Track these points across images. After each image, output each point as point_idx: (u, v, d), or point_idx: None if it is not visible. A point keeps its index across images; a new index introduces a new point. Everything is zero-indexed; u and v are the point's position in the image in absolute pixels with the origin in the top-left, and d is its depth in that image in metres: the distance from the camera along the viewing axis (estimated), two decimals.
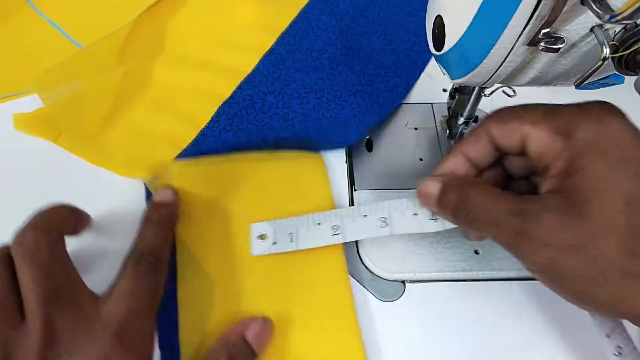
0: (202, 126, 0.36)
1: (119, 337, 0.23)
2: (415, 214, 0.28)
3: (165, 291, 0.27)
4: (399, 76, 0.40)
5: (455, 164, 0.26)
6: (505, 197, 0.23)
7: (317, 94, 0.38)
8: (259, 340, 0.27)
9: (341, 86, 0.38)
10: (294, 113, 0.37)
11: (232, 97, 0.37)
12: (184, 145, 0.35)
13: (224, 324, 0.28)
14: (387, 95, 0.39)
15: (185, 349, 0.28)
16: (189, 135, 0.35)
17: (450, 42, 0.23)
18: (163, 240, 0.28)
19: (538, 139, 0.23)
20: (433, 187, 0.26)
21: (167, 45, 0.41)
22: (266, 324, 0.28)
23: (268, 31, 0.42)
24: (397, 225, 0.28)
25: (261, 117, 0.36)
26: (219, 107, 0.37)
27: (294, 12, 0.43)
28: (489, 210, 0.23)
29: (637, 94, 0.20)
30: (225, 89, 0.38)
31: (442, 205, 0.26)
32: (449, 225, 0.27)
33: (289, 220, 0.30)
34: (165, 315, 0.29)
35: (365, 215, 0.29)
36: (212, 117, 0.36)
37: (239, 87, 0.38)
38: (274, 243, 0.30)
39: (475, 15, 0.21)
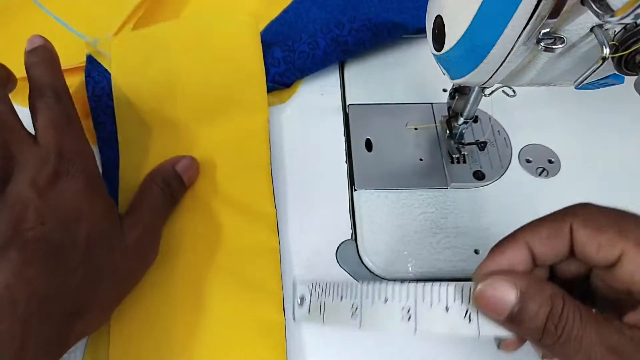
0: None
1: (60, 154, 0.25)
2: (447, 308, 0.23)
3: (105, 131, 0.34)
4: None
5: (516, 258, 0.21)
6: (596, 322, 0.19)
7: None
8: (188, 174, 0.32)
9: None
10: None
11: None
12: None
13: (159, 161, 0.32)
14: None
15: (124, 178, 0.32)
16: None
17: (450, 42, 0.23)
18: (54, 75, 0.28)
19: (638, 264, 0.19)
20: (507, 293, 0.20)
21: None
22: (194, 161, 0.32)
23: (259, 19, 0.42)
24: (422, 320, 0.23)
25: None
26: None
27: (287, 2, 0.44)
28: (581, 338, 0.18)
29: (637, 94, 0.20)
30: None
31: (520, 320, 0.20)
32: (487, 330, 0.22)
33: (323, 287, 0.28)
34: (107, 151, 0.34)
35: (385, 300, 0.24)
36: None
37: None
38: (308, 311, 0.28)
39: (475, 16, 0.21)
